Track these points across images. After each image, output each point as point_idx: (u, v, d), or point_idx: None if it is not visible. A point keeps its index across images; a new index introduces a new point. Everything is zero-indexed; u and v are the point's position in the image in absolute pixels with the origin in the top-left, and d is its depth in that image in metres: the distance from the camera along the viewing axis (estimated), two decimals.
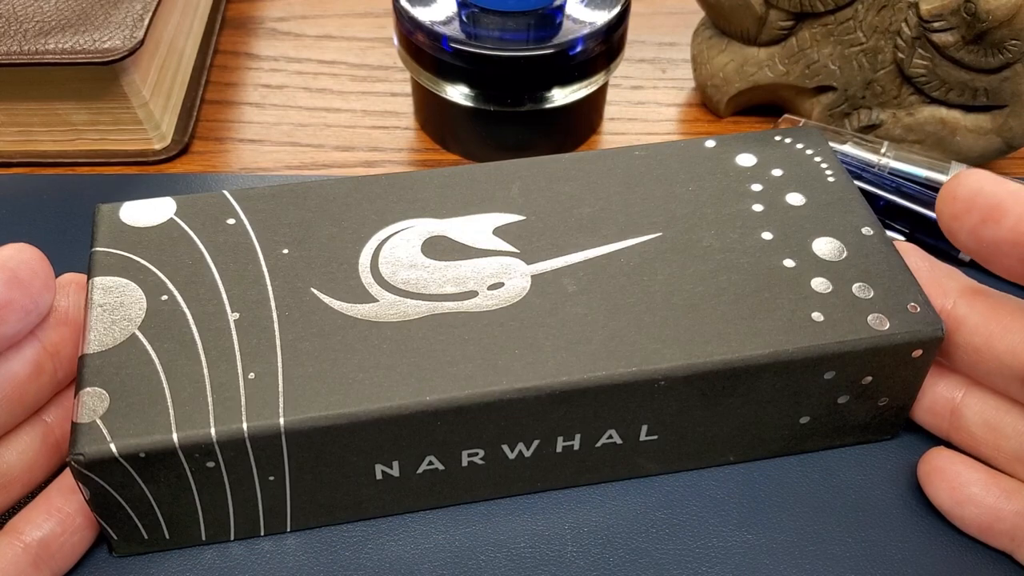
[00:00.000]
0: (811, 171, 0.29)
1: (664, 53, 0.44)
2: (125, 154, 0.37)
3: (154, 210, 0.27)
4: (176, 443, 0.22)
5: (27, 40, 0.34)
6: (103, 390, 0.23)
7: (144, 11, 0.35)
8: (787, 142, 0.30)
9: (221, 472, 0.23)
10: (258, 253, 0.26)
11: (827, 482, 0.27)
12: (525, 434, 0.24)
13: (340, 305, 0.25)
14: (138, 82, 0.36)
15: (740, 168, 0.29)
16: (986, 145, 0.36)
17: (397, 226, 0.27)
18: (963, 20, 0.32)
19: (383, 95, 0.41)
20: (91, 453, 0.22)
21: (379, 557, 0.26)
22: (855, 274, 0.26)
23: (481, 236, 0.27)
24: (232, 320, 0.25)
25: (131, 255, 0.26)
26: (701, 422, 0.26)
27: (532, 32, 0.34)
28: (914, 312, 0.25)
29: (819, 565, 0.26)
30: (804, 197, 0.28)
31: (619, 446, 0.26)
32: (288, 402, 0.23)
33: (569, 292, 0.26)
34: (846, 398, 0.26)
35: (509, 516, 0.26)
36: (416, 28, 0.34)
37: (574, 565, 0.25)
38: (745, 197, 0.28)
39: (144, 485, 0.23)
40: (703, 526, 0.26)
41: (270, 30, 0.44)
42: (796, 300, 0.25)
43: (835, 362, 0.25)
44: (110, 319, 0.24)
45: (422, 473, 0.25)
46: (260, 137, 0.39)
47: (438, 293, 0.25)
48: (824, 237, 0.27)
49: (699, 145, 0.30)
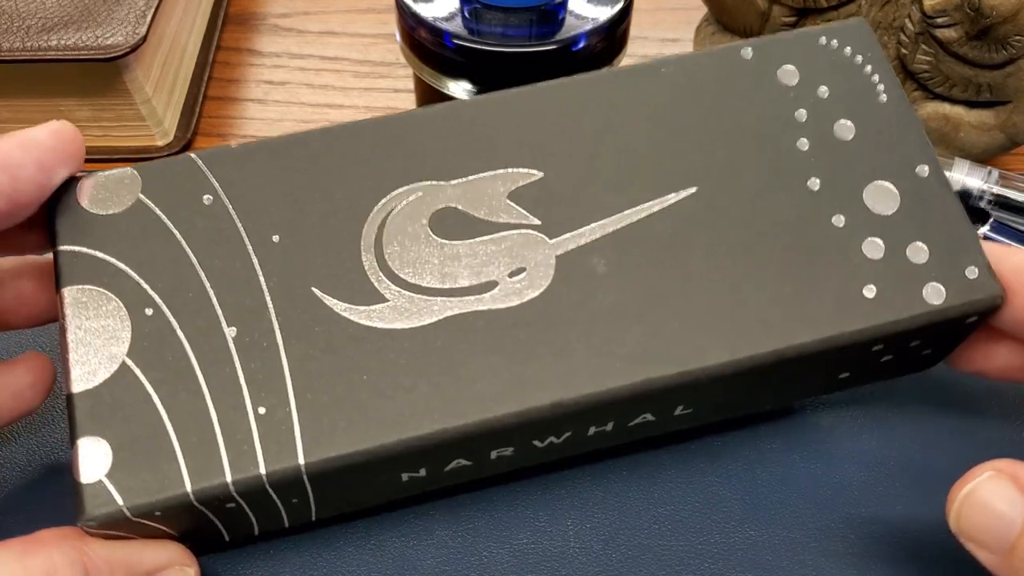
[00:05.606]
0: (861, 87, 0.25)
1: (667, 49, 0.43)
2: (128, 151, 0.37)
3: (117, 187, 0.23)
4: (191, 496, 0.21)
5: (30, 36, 0.34)
6: (102, 439, 0.21)
7: (147, 7, 0.35)
8: (833, 45, 0.26)
9: (243, 507, 0.22)
10: (246, 243, 0.23)
11: (829, 478, 0.27)
12: (557, 431, 0.23)
13: (346, 309, 0.22)
14: (141, 78, 0.36)
15: (782, 87, 0.25)
16: (990, 141, 0.36)
17: (398, 195, 0.24)
18: (967, 16, 0.32)
19: (386, 91, 0.41)
20: (102, 517, 0.20)
21: (382, 552, 0.26)
22: (910, 231, 0.24)
23: (495, 204, 0.24)
24: (230, 337, 0.22)
25: (102, 255, 0.23)
26: (738, 396, 0.25)
27: (535, 28, 0.34)
28: (972, 278, 0.23)
29: (821, 561, 0.26)
30: (854, 126, 0.25)
31: (652, 422, 0.24)
32: (306, 439, 0.21)
33: (599, 274, 0.23)
34: (889, 357, 0.25)
35: (512, 511, 0.26)
36: (419, 24, 0.34)
37: (576, 560, 0.25)
38: (789, 129, 0.25)
39: (160, 526, 0.22)
40: (705, 522, 0.26)
41: (272, 26, 0.44)
42: (847, 271, 0.23)
43: (885, 338, 0.23)
44: (93, 344, 0.22)
45: (449, 471, 0.24)
46: (263, 133, 0.39)
47: (453, 287, 0.23)
48: (876, 182, 0.24)
49: (735, 56, 0.26)
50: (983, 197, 0.34)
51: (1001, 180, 0.34)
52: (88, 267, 0.23)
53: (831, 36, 0.26)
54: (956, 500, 0.21)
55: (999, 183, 0.34)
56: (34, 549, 0.20)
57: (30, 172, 0.22)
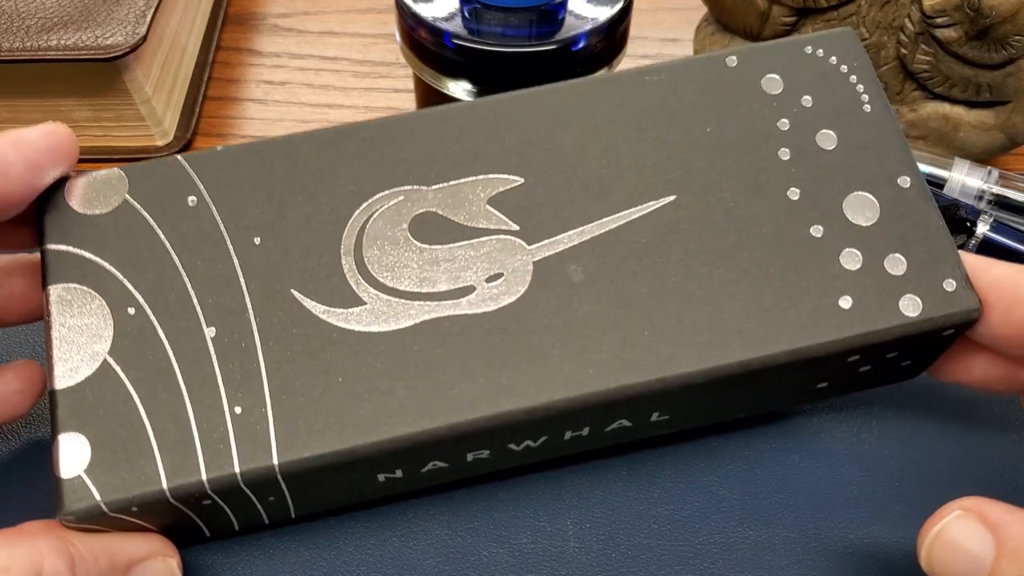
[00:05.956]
0: (845, 97, 0.25)
1: (667, 49, 0.43)
2: (127, 151, 0.37)
3: (105, 187, 0.24)
4: (167, 493, 0.21)
5: (30, 36, 0.34)
6: (82, 435, 0.21)
7: (147, 7, 0.35)
8: (819, 54, 0.26)
9: (219, 504, 0.22)
10: (228, 245, 0.23)
11: (829, 478, 0.27)
12: (532, 435, 0.23)
13: (325, 311, 0.23)
14: (141, 78, 0.36)
15: (766, 97, 0.25)
16: (989, 141, 0.36)
17: (379, 199, 0.24)
18: (966, 16, 0.32)
19: (386, 91, 0.41)
20: (80, 511, 0.21)
21: (381, 551, 0.26)
22: (888, 242, 0.24)
23: (475, 209, 0.24)
24: (209, 338, 0.22)
25: (88, 254, 0.23)
26: (714, 403, 0.25)
27: (535, 28, 0.34)
28: (949, 291, 0.23)
29: (820, 561, 0.26)
30: (836, 136, 0.25)
31: (629, 428, 0.25)
32: (280, 440, 0.21)
33: (575, 282, 0.23)
34: (867, 367, 0.25)
35: (511, 511, 0.26)
36: (418, 24, 0.34)
37: (576, 561, 0.25)
38: (771, 140, 0.25)
39: (138, 521, 0.22)
40: (705, 522, 0.26)
41: (272, 26, 0.44)
42: (823, 282, 0.23)
43: (861, 349, 0.23)
44: (76, 342, 0.22)
45: (426, 472, 0.24)
46: (263, 133, 0.39)
47: (431, 291, 0.23)
48: (856, 193, 0.24)
49: (719, 64, 0.26)
50: (983, 197, 0.34)
51: (1001, 180, 0.34)
52: (74, 266, 0.23)
53: (817, 45, 0.26)
54: (926, 541, 0.21)
55: (999, 183, 0.34)
56: (19, 539, 0.21)
57: (19, 170, 0.22)
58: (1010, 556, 0.20)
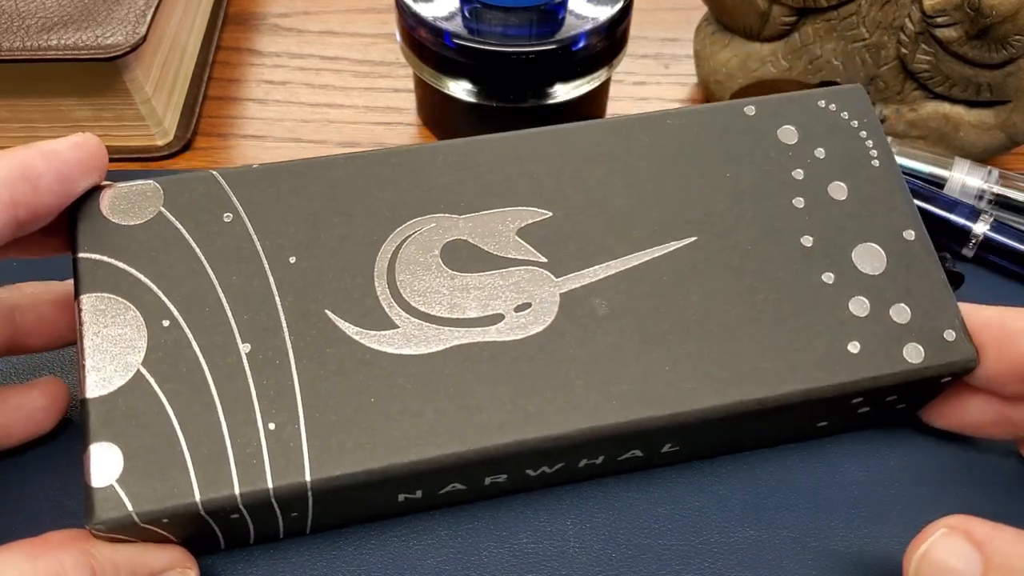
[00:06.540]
0: (855, 151, 0.27)
1: (667, 48, 0.43)
2: (128, 150, 0.37)
3: (139, 198, 0.24)
4: (199, 506, 0.21)
5: (30, 36, 0.34)
6: (115, 445, 0.21)
7: (147, 7, 0.35)
8: (832, 108, 0.27)
9: (245, 519, 0.22)
10: (263, 262, 0.24)
11: (830, 478, 0.27)
12: (551, 462, 0.24)
13: (358, 333, 0.23)
14: (141, 78, 0.36)
15: (782, 147, 0.27)
16: (989, 141, 0.36)
17: (412, 225, 0.25)
18: (966, 15, 0.32)
19: (386, 91, 0.41)
20: (111, 521, 0.21)
21: (383, 552, 0.26)
22: (894, 292, 0.25)
23: (505, 239, 0.25)
24: (244, 353, 0.23)
25: (122, 264, 0.23)
26: (722, 438, 0.26)
27: (535, 28, 0.34)
28: (949, 340, 0.24)
29: (821, 561, 0.26)
30: (847, 188, 0.26)
31: (640, 457, 0.26)
32: (313, 457, 0.22)
33: (600, 316, 0.24)
34: (866, 409, 0.26)
35: (512, 512, 0.26)
36: (419, 24, 0.34)
37: (577, 561, 0.25)
38: (787, 188, 0.26)
39: (164, 532, 0.22)
40: (705, 521, 0.26)
41: (272, 26, 0.44)
42: (834, 327, 0.24)
43: (865, 392, 0.24)
44: (110, 352, 0.22)
45: (443, 493, 0.24)
46: (263, 133, 0.39)
47: (462, 318, 0.24)
48: (865, 243, 0.26)
49: (738, 113, 0.27)
50: (983, 197, 0.34)
51: (1001, 180, 0.34)
52: (107, 276, 0.23)
53: (830, 100, 0.28)
54: (912, 561, 0.21)
55: (999, 183, 0.34)
56: (42, 550, 0.21)
57: (49, 181, 0.22)
58: (997, 571, 0.20)
